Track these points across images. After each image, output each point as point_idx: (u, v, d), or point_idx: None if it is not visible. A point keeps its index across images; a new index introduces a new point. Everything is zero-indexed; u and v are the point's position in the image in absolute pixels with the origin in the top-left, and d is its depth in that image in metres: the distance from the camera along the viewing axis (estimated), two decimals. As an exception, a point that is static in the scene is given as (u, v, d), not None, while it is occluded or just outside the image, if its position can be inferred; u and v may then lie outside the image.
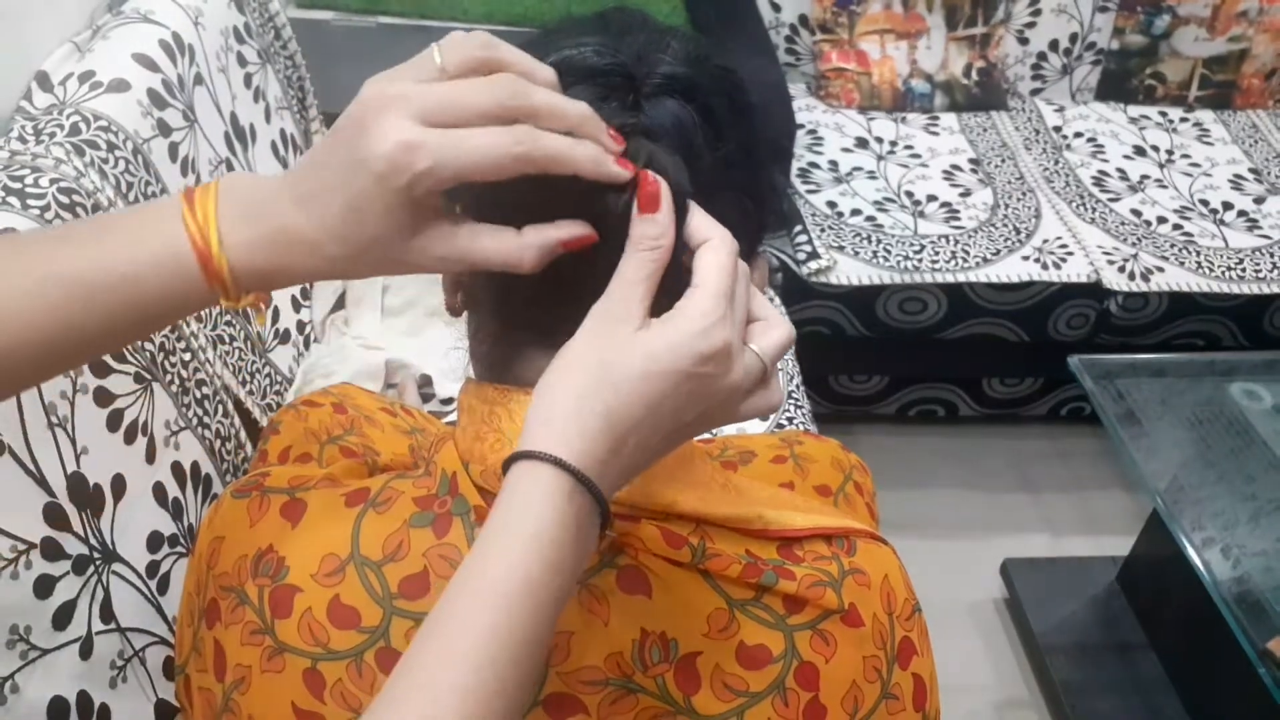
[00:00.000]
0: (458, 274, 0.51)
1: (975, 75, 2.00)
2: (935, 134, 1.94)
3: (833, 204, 1.73)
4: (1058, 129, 2.00)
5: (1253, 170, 1.92)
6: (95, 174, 0.84)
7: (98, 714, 0.70)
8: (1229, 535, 1.24)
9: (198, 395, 0.92)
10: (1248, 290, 1.66)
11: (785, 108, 1.66)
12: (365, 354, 1.19)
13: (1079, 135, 1.98)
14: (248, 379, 1.04)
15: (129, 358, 0.82)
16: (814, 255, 1.60)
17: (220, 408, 0.96)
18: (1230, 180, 1.89)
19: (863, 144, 1.89)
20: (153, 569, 0.79)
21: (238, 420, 0.99)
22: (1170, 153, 1.95)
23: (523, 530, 0.38)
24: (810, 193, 1.75)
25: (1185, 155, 1.95)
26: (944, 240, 1.67)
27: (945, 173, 1.84)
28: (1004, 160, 1.89)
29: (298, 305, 1.22)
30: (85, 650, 0.70)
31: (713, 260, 0.42)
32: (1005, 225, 1.73)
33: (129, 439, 0.80)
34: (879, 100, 1.97)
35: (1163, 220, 1.78)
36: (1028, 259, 1.66)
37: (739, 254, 0.44)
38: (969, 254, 1.65)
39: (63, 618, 0.69)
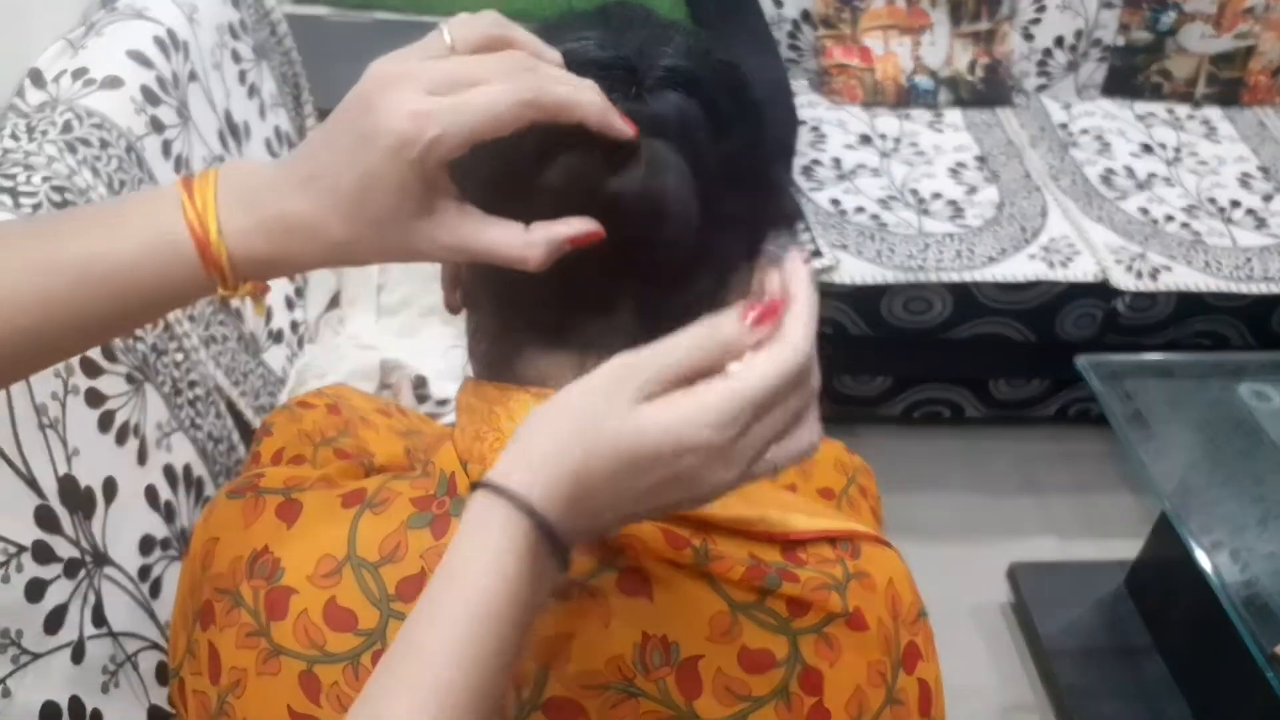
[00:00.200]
0: (457, 271, 0.51)
1: (980, 71, 1.99)
2: (940, 131, 1.93)
3: (836, 202, 1.72)
4: (1064, 126, 1.99)
5: (1261, 168, 1.91)
6: (88, 171, 0.83)
7: (90, 719, 0.69)
8: (1238, 538, 1.24)
9: (190, 396, 0.91)
10: (1256, 290, 1.65)
11: (787, 104, 1.65)
12: (360, 354, 1.18)
13: (1085, 132, 1.97)
14: (240, 379, 1.03)
15: (120, 358, 0.81)
16: (817, 254, 1.59)
17: (213, 409, 0.95)
18: (1238, 178, 1.88)
19: (866, 141, 1.88)
20: (145, 572, 0.79)
21: (230, 421, 0.99)
22: (1177, 150, 1.94)
23: (484, 564, 0.37)
24: (813, 190, 1.74)
25: (1193, 153, 1.94)
26: (949, 239, 1.66)
27: (950, 170, 1.83)
28: (1010, 158, 1.88)
29: (291, 305, 1.21)
30: (77, 655, 0.70)
31: (764, 367, 0.38)
32: (1011, 223, 1.72)
33: (120, 440, 0.79)
34: (882, 96, 1.96)
35: (1170, 219, 1.77)
36: (1034, 258, 1.64)
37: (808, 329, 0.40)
38: (975, 253, 1.64)
39: (54, 622, 0.68)
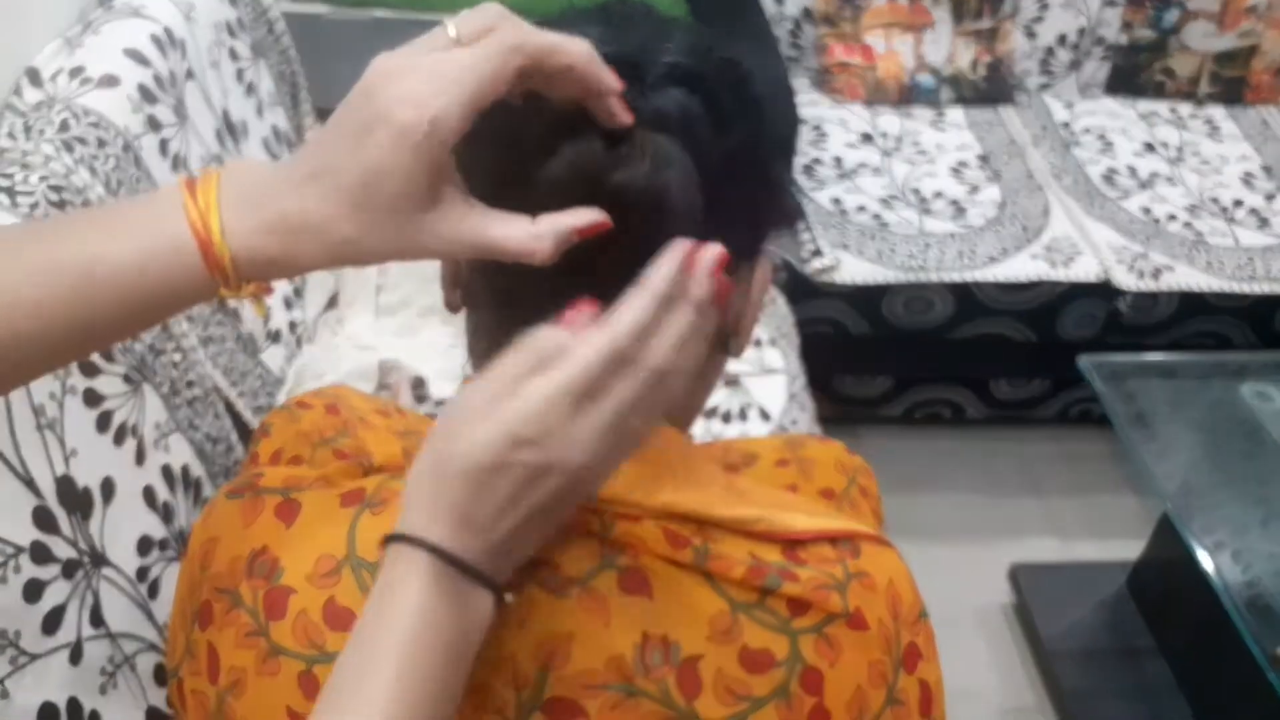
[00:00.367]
0: (457, 269, 0.50)
1: (982, 70, 1.99)
2: (942, 130, 1.92)
3: (837, 201, 1.72)
4: (1066, 125, 1.98)
5: (1264, 167, 1.90)
6: (85, 171, 0.83)
7: (87, 720, 0.69)
8: (1240, 539, 1.23)
9: (188, 396, 0.91)
10: (1259, 290, 1.64)
11: (788, 102, 1.65)
12: (358, 354, 1.18)
13: (1087, 131, 1.97)
14: (239, 380, 1.03)
15: (118, 358, 0.81)
16: (818, 253, 1.58)
17: (211, 409, 0.95)
18: (1241, 177, 1.87)
19: (867, 139, 1.87)
20: (142, 573, 0.79)
21: (228, 422, 0.98)
22: (1180, 149, 1.94)
23: (398, 611, 0.39)
24: (814, 189, 1.74)
25: (1195, 152, 1.93)
26: (951, 238, 1.66)
27: (952, 169, 1.83)
28: (1012, 156, 1.88)
29: (289, 305, 1.21)
30: (75, 656, 0.69)
31: (579, 355, 0.39)
32: (1013, 223, 1.71)
33: (118, 441, 0.79)
34: (884, 95, 1.95)
35: (1172, 218, 1.76)
36: (1036, 257, 1.64)
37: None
38: (976, 252, 1.64)
39: (52, 622, 0.68)
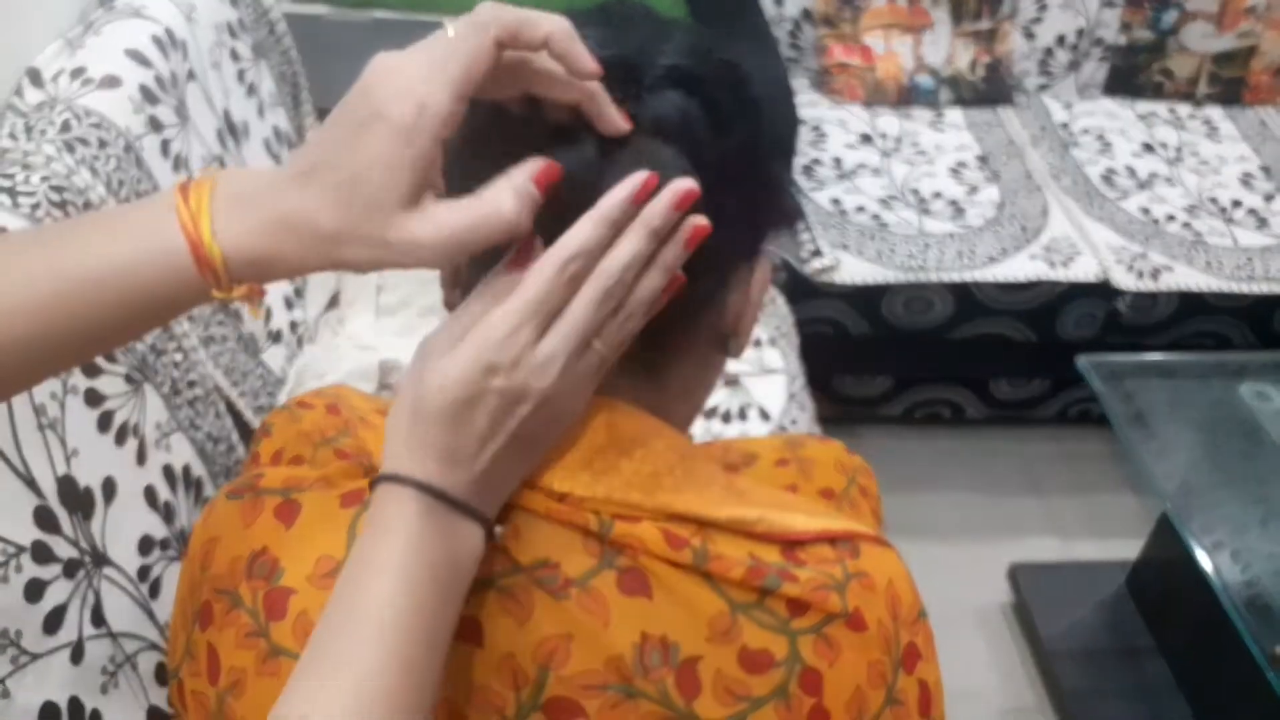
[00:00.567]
0: (457, 269, 0.50)
1: (981, 70, 1.99)
2: (941, 130, 1.93)
3: (836, 201, 1.72)
4: (1065, 125, 1.99)
5: (1262, 167, 1.91)
6: (86, 171, 0.83)
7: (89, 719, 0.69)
8: (1239, 539, 1.23)
9: (189, 396, 0.91)
10: (1257, 290, 1.65)
11: (787, 103, 1.65)
12: (359, 354, 1.18)
13: (1086, 132, 1.97)
14: (240, 380, 1.03)
15: (119, 358, 0.81)
16: (817, 254, 1.58)
17: (212, 409, 0.95)
18: (1239, 178, 1.87)
19: (867, 140, 1.87)
20: (144, 573, 0.79)
21: (229, 422, 0.98)
22: (1179, 149, 1.94)
23: (389, 547, 0.41)
24: (813, 190, 1.74)
25: (1194, 152, 1.93)
26: (950, 238, 1.66)
27: (951, 170, 1.83)
28: (1011, 157, 1.88)
29: (290, 305, 1.21)
30: (76, 655, 0.69)
31: (528, 277, 0.42)
32: (1012, 223, 1.71)
33: (119, 441, 0.79)
34: (884, 96, 1.96)
35: (1171, 218, 1.76)
36: (1035, 258, 1.64)
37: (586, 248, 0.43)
38: (975, 252, 1.64)
39: (53, 622, 0.68)
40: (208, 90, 1.08)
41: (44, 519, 0.68)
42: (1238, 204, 1.81)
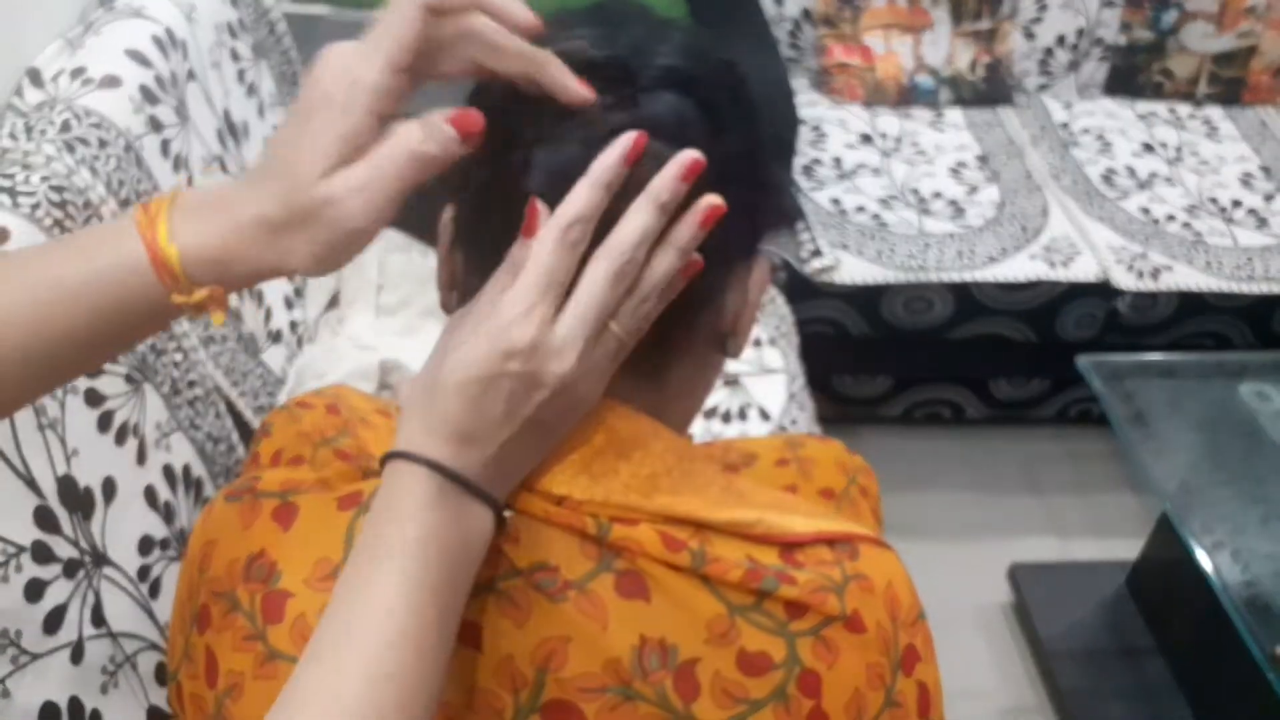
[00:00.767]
0: (452, 270, 0.50)
1: (981, 70, 1.99)
2: (941, 130, 1.93)
3: (836, 201, 1.72)
4: (1065, 125, 1.99)
5: (1262, 167, 1.91)
6: (86, 171, 0.83)
7: (89, 719, 0.69)
8: (1239, 538, 1.24)
9: (189, 396, 0.91)
10: (1257, 290, 1.65)
11: (787, 103, 1.65)
12: (359, 354, 1.18)
13: (1086, 131, 1.97)
14: (240, 379, 1.03)
15: (119, 358, 0.81)
16: (817, 253, 1.59)
17: (212, 409, 0.95)
18: (1239, 177, 1.88)
19: (867, 140, 1.87)
20: (144, 573, 0.79)
21: (229, 422, 0.99)
22: (1179, 149, 1.94)
23: (400, 524, 0.41)
24: (813, 190, 1.74)
25: (1194, 152, 1.93)
26: (950, 238, 1.66)
27: (951, 169, 1.83)
28: (1010, 157, 1.88)
29: (290, 305, 1.21)
30: (76, 655, 0.70)
31: (533, 249, 0.43)
32: (1012, 223, 1.71)
33: (119, 440, 0.79)
34: (883, 96, 1.96)
35: (1171, 218, 1.76)
36: (1035, 258, 1.64)
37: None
38: (975, 252, 1.64)
39: (53, 622, 0.68)
40: (208, 90, 1.08)
41: (44, 519, 0.68)
42: (1238, 204, 1.81)
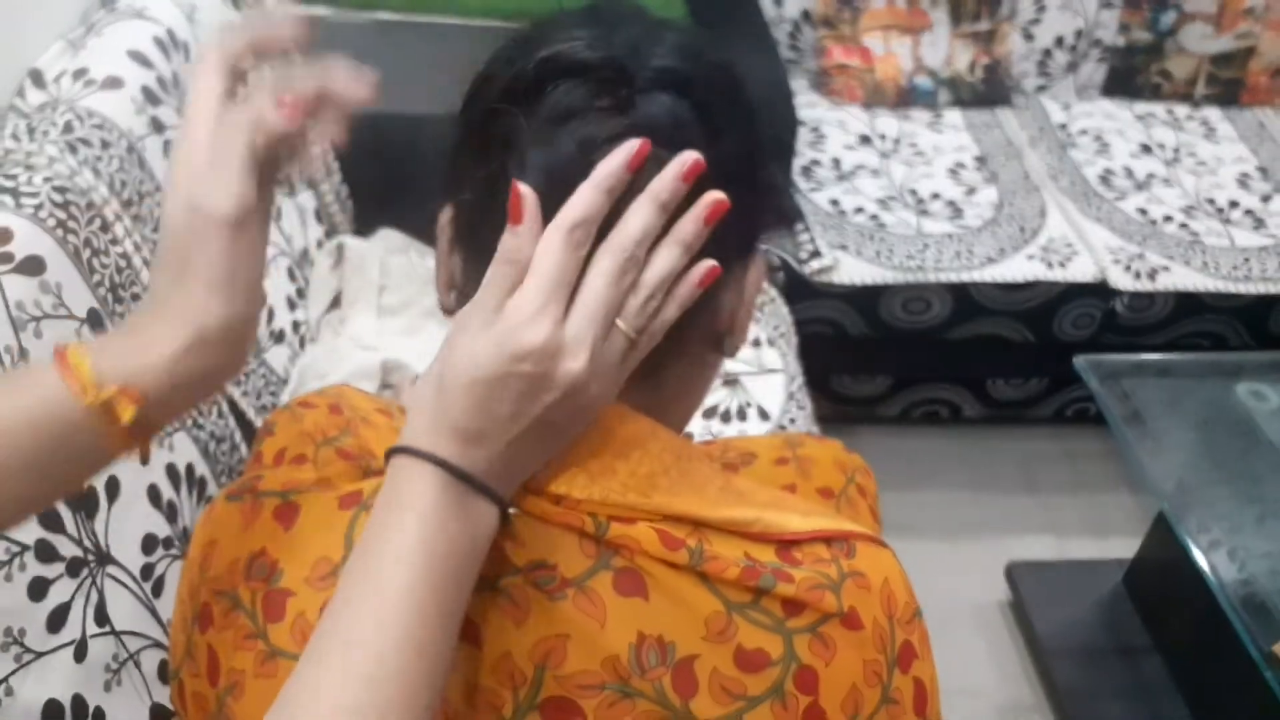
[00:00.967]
0: (451, 271, 0.51)
1: (980, 72, 1.99)
2: (939, 131, 1.93)
3: (835, 202, 1.72)
4: (1063, 126, 1.99)
5: (1260, 168, 1.91)
6: (89, 172, 0.84)
7: (92, 717, 0.70)
8: (1235, 537, 1.24)
9: (192, 396, 0.91)
10: (1254, 290, 1.65)
11: (787, 104, 1.65)
12: (361, 354, 1.18)
13: (1084, 132, 1.97)
14: (242, 379, 1.04)
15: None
16: (816, 254, 1.59)
17: (215, 408, 0.96)
18: (1237, 178, 1.88)
19: (866, 141, 1.88)
20: (147, 571, 0.79)
21: (232, 421, 0.99)
22: (1176, 150, 1.94)
23: (406, 522, 0.41)
24: (812, 191, 1.75)
25: (1191, 153, 1.94)
26: (948, 239, 1.67)
27: (950, 170, 1.83)
28: (1009, 158, 1.88)
29: (293, 305, 1.21)
30: (80, 653, 0.70)
31: (539, 251, 0.42)
32: (1010, 224, 1.72)
33: (123, 440, 0.79)
34: (882, 97, 1.96)
35: (1169, 219, 1.77)
36: (1033, 258, 1.65)
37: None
38: (973, 253, 1.64)
39: (57, 620, 0.69)
40: (209, 91, 1.08)
41: (48, 518, 0.68)
42: (1235, 204, 1.82)
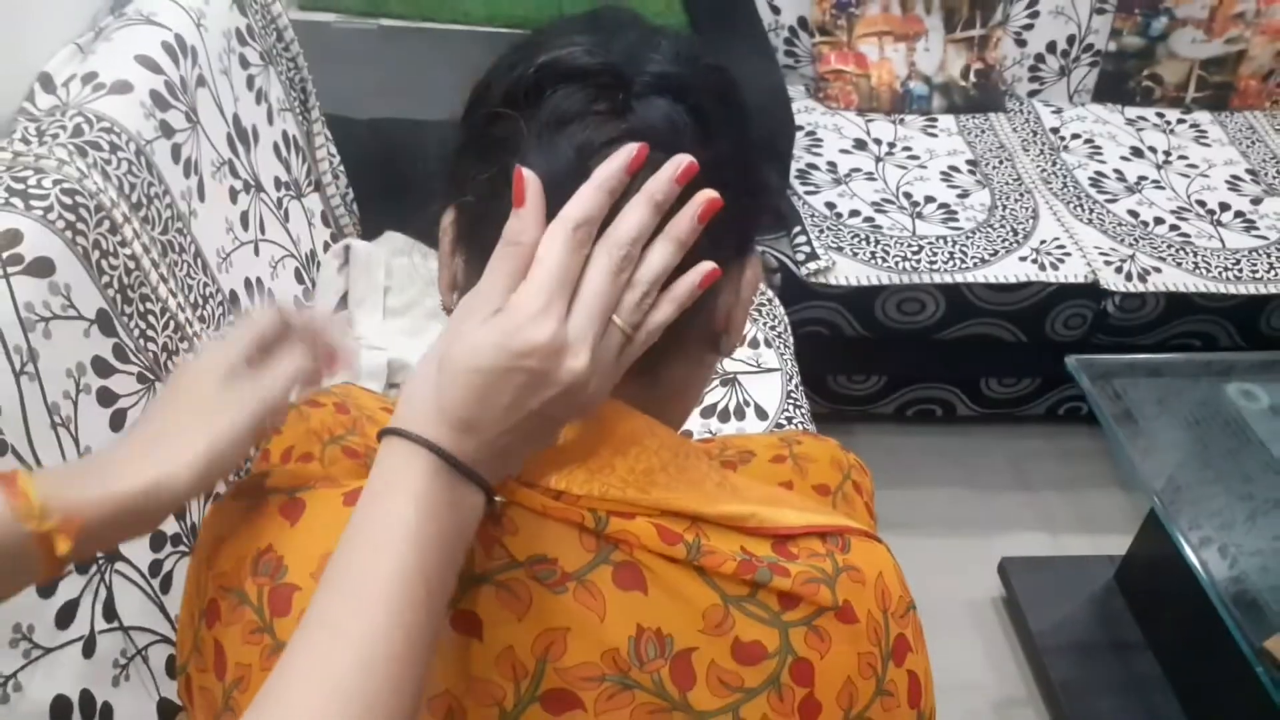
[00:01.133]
0: (453, 272, 0.51)
1: (973, 77, 2.01)
2: (933, 135, 1.94)
3: (831, 205, 1.74)
4: (1055, 130, 2.00)
5: (1250, 171, 1.93)
6: (98, 175, 0.84)
7: (100, 712, 0.71)
8: (1226, 534, 1.25)
9: (200, 395, 0.92)
10: (1244, 291, 1.67)
11: (784, 110, 1.66)
12: (367, 354, 1.19)
13: (1076, 137, 1.99)
14: (249, 379, 1.04)
15: (132, 358, 0.82)
16: (813, 256, 1.60)
17: (222, 408, 0.96)
18: (1227, 181, 1.90)
19: (861, 145, 1.89)
20: (155, 567, 0.80)
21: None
22: (1167, 154, 1.96)
23: (397, 504, 0.41)
24: (809, 194, 1.76)
25: (1182, 156, 1.95)
26: (942, 241, 1.68)
27: (943, 174, 1.85)
28: (1001, 161, 1.90)
29: (300, 306, 1.22)
30: (88, 649, 0.71)
31: (541, 249, 0.42)
32: (1003, 226, 1.73)
33: (131, 439, 0.80)
34: (877, 102, 1.98)
35: (1160, 221, 1.78)
36: (1025, 260, 1.66)
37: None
38: (967, 255, 1.66)
39: (65, 616, 0.69)
40: (217, 96, 1.09)
41: (59, 515, 0.69)
42: (1226, 207, 1.83)
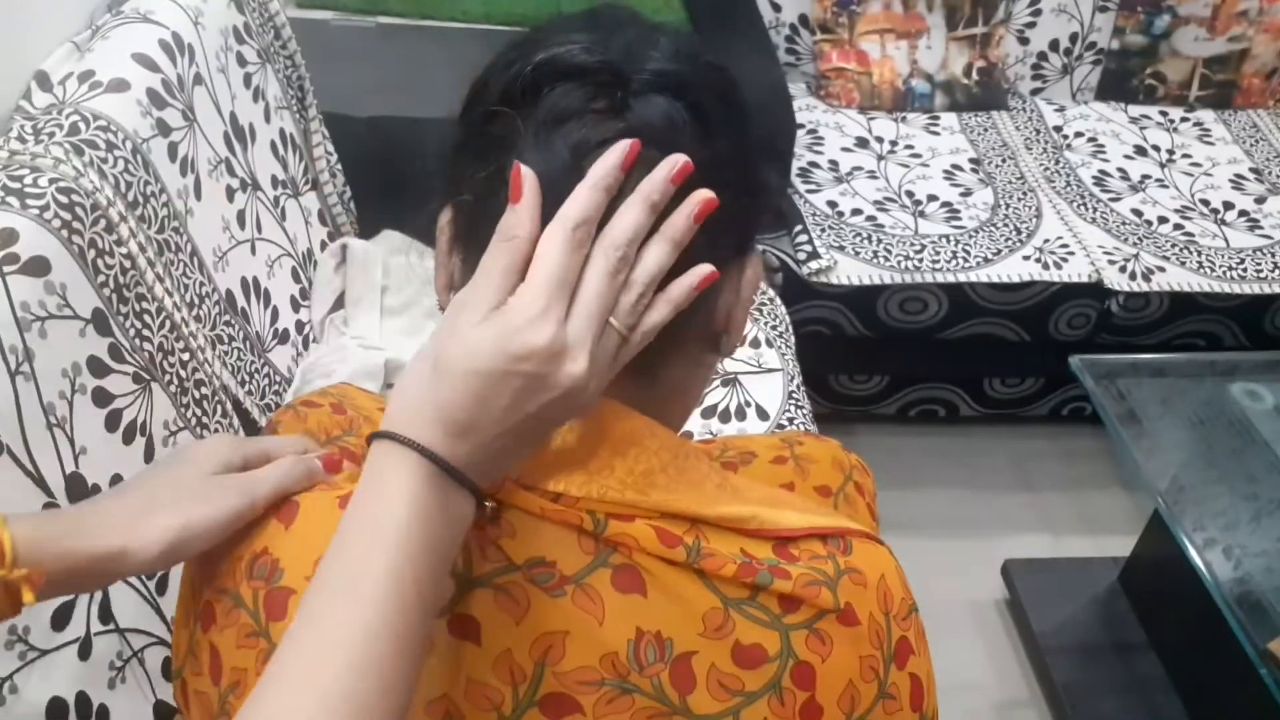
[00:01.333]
0: (450, 272, 0.51)
1: (975, 75, 2.00)
2: (936, 134, 1.94)
3: (833, 204, 1.73)
4: (1058, 129, 2.00)
5: (1253, 170, 1.92)
6: (94, 174, 0.84)
7: (96, 714, 0.71)
8: (1230, 535, 1.24)
9: (196, 395, 0.92)
10: (1249, 290, 1.66)
11: (785, 108, 1.66)
12: (364, 354, 1.19)
13: (1079, 135, 1.98)
14: (246, 379, 1.04)
15: (128, 358, 0.82)
16: (814, 255, 1.60)
17: (219, 408, 0.96)
18: (1231, 180, 1.89)
19: (863, 144, 1.89)
20: (151, 569, 0.79)
21: (236, 420, 0.99)
22: (1171, 152, 1.96)
23: (388, 508, 0.41)
24: (810, 192, 1.75)
25: (1186, 155, 1.95)
26: (945, 240, 1.68)
27: (946, 172, 1.84)
28: (1004, 160, 1.89)
29: (296, 305, 1.22)
30: (84, 651, 0.71)
31: (541, 249, 0.42)
32: (1006, 225, 1.73)
33: (128, 439, 0.80)
34: (879, 100, 1.97)
35: (1164, 220, 1.78)
36: (1028, 259, 1.66)
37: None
38: (970, 254, 1.65)
39: (61, 618, 0.69)
40: (214, 94, 1.08)
41: (53, 515, 0.69)
42: (1229, 206, 1.83)
